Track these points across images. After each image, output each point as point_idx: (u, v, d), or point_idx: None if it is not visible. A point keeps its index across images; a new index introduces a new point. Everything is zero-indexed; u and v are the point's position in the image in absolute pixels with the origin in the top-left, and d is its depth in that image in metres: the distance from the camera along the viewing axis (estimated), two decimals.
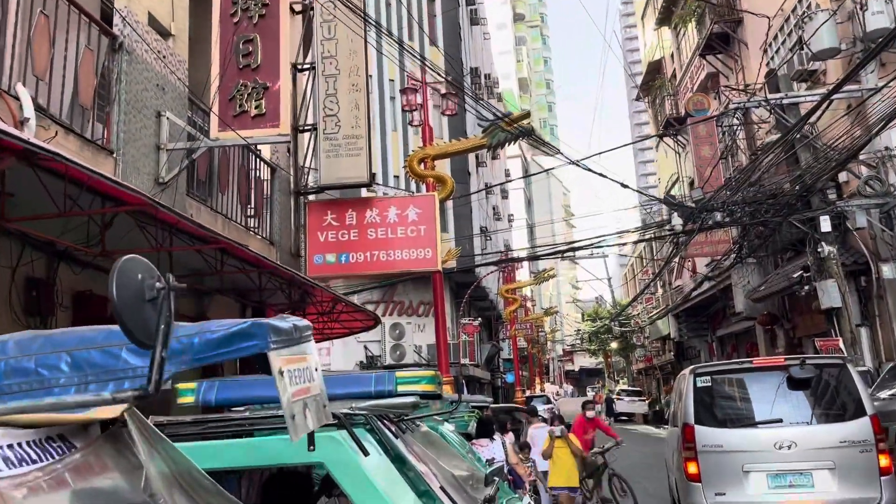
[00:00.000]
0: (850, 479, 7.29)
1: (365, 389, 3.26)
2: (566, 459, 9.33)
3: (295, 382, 1.75)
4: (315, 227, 9.38)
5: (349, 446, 2.62)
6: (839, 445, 7.42)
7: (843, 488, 7.27)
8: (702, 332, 27.88)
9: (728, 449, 7.65)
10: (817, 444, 7.48)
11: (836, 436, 7.49)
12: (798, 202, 14.89)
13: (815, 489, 7.36)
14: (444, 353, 10.62)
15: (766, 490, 7.43)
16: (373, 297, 23.55)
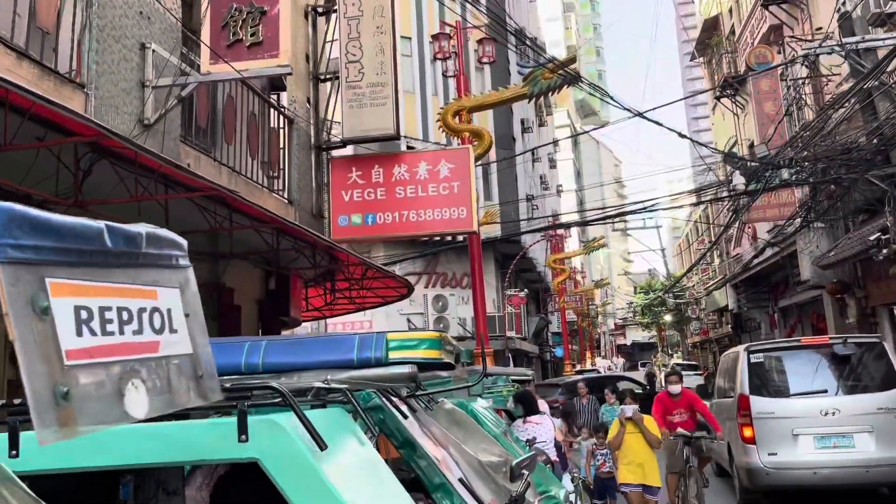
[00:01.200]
0: (886, 441, 8.55)
1: (344, 357, 2.44)
2: (640, 450, 7.47)
3: (95, 330, 0.91)
4: (339, 186, 8.60)
5: (297, 436, 1.79)
6: (877, 412, 8.71)
7: (881, 448, 8.55)
8: (762, 302, 26.40)
9: (779, 415, 8.92)
10: (857, 411, 8.76)
11: (873, 403, 8.79)
12: (877, 156, 13.48)
13: (856, 448, 8.64)
14: (482, 323, 9.77)
15: (813, 450, 8.70)
16: (415, 269, 22.83)
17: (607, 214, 16.34)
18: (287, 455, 1.79)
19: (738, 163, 13.49)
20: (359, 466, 2.10)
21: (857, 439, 8.71)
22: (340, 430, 2.22)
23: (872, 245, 14.13)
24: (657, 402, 8.84)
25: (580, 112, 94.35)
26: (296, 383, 2.43)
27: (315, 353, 2.50)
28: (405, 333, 2.65)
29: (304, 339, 2.62)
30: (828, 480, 8.68)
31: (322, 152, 8.71)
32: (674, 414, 8.70)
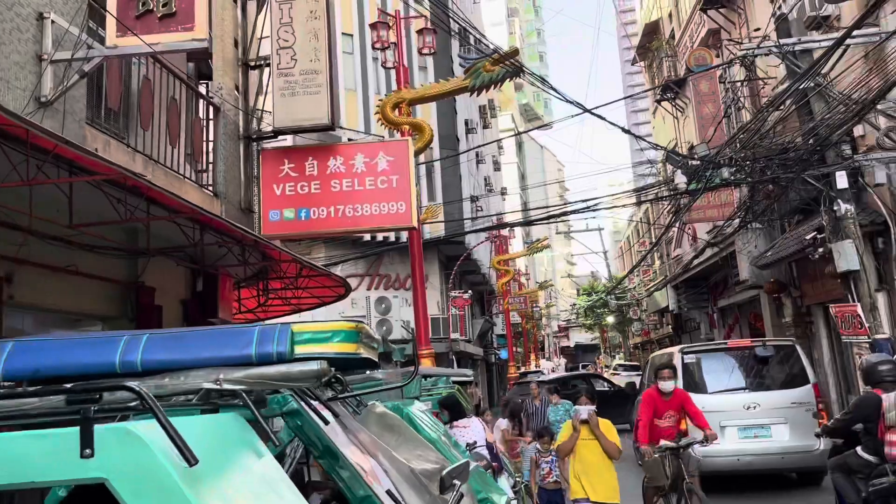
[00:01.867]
0: (798, 431, 9.82)
1: (241, 352, 2.04)
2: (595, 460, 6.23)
3: None
4: (270, 179, 8.13)
5: (158, 449, 1.40)
6: (790, 406, 10.11)
7: (793, 437, 9.84)
8: (702, 303, 26.81)
9: (708, 409, 9.14)
10: (774, 405, 10.10)
11: (788, 398, 10.18)
12: (812, 157, 13.67)
13: (773, 438, 9.92)
14: (423, 324, 9.42)
15: (737, 440, 9.90)
16: (357, 270, 22.34)
17: (550, 214, 16.22)
18: (144, 473, 1.40)
19: (680, 161, 13.50)
20: (245, 484, 1.72)
21: (773, 430, 10.00)
22: (228, 441, 1.83)
23: (808, 244, 14.34)
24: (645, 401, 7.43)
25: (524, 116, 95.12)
26: (181, 384, 2.03)
27: (207, 348, 2.10)
28: (315, 325, 2.27)
29: (194, 331, 2.21)
30: (749, 466, 9.90)
31: (252, 143, 8.23)
32: (663, 417, 7.39)
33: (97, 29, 5.44)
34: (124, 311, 6.79)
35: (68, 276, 6.02)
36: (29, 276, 5.61)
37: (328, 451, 2.99)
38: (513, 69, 8.86)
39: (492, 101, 40.85)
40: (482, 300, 37.41)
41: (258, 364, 2.10)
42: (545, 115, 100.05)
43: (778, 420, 9.99)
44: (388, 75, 21.27)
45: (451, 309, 22.80)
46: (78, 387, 1.54)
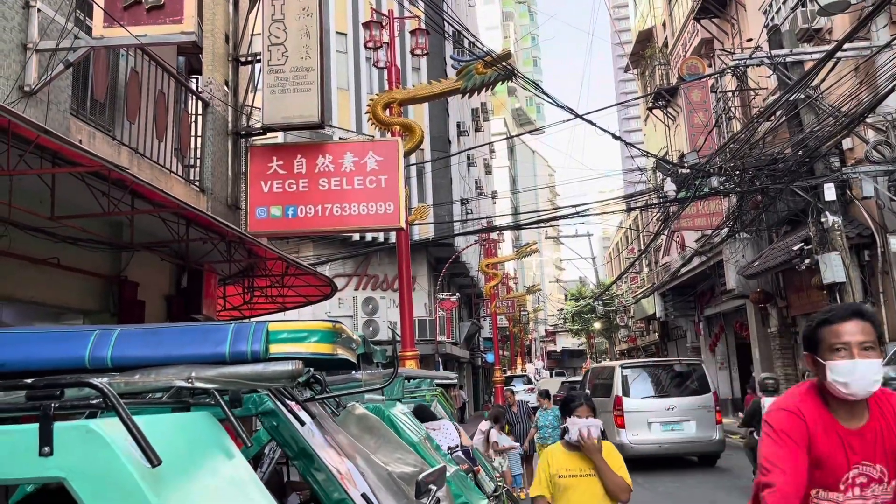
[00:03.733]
0: (702, 427, 13.52)
1: (214, 350, 2.00)
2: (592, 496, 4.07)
3: None
4: (258, 176, 8.06)
5: (120, 448, 1.36)
6: (697, 408, 13.66)
7: (699, 431, 13.51)
8: (689, 311, 26.90)
9: (639, 410, 13.60)
10: (687, 407, 13.66)
11: (696, 403, 13.74)
12: (801, 168, 13.74)
13: (685, 431, 13.53)
14: (409, 325, 9.37)
15: (659, 432, 13.39)
16: (345, 270, 22.26)
17: (541, 218, 16.22)
18: (104, 473, 1.35)
19: (670, 169, 13.54)
20: (212, 486, 1.68)
21: (685, 425, 13.61)
22: (197, 441, 1.79)
23: (795, 255, 14.40)
24: (782, 436, 2.38)
25: (517, 121, 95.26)
26: (151, 381, 1.98)
27: (180, 344, 2.06)
28: (292, 324, 2.22)
29: (167, 328, 2.17)
30: (667, 451, 13.44)
31: (240, 139, 8.16)
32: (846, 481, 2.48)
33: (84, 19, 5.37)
34: (106, 305, 6.71)
35: (50, 269, 5.94)
36: (9, 267, 5.54)
37: (303, 452, 2.94)
38: (505, 72, 8.83)
39: (484, 104, 40.88)
40: (470, 303, 37.40)
41: (232, 362, 2.05)
42: (538, 120, 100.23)
43: (688, 418, 13.67)
44: (380, 75, 21.24)
45: (439, 311, 22.76)
46: (39, 382, 1.49)
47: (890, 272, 13.76)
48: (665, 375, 14.65)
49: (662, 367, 15.30)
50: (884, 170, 13.10)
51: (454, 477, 5.34)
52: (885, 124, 13.46)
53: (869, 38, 13.80)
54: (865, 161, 13.28)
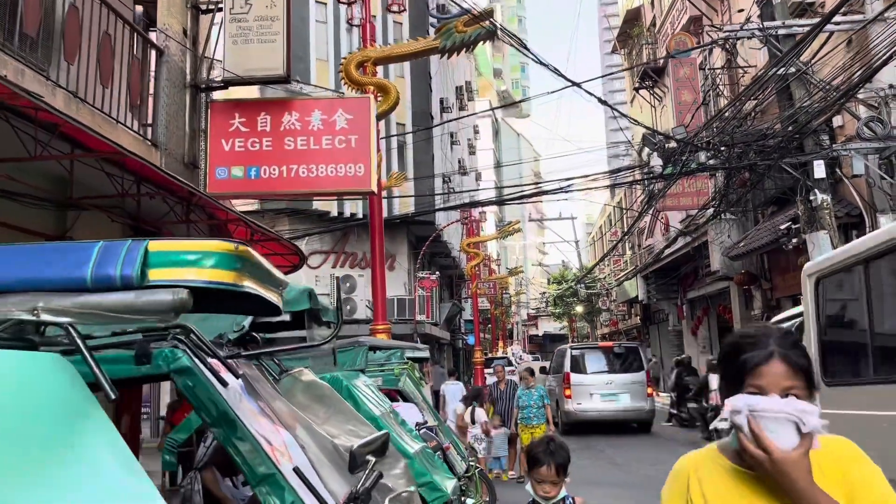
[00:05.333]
0: (637, 398, 16.63)
1: (72, 274, 1.49)
2: None
3: None
4: (219, 133, 7.50)
5: None
6: (631, 383, 16.78)
7: (632, 401, 16.62)
8: (671, 294, 26.64)
9: (584, 384, 16.79)
10: (624, 381, 16.79)
11: (630, 378, 16.82)
12: (791, 144, 13.35)
13: (620, 402, 16.61)
14: (381, 297, 8.89)
15: (599, 402, 16.55)
16: (322, 247, 21.71)
17: (524, 193, 15.77)
18: None
19: (657, 143, 13.10)
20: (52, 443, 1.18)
21: (620, 397, 16.68)
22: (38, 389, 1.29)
23: (782, 234, 14.06)
24: None
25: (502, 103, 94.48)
26: None
27: (29, 266, 1.56)
28: (180, 243, 1.72)
29: (15, 247, 1.65)
30: (605, 417, 16.57)
31: (200, 93, 7.59)
32: None
33: None
34: None
35: None
36: None
37: (224, 418, 2.44)
38: (487, 31, 8.30)
39: (469, 83, 40.26)
40: (451, 284, 36.98)
41: (95, 290, 1.55)
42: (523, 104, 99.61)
43: (624, 391, 16.74)
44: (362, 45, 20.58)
45: (418, 290, 22.29)
46: None
47: None
48: (607, 356, 17.78)
49: (605, 349, 18.42)
50: (875, 147, 12.73)
51: (419, 454, 4.87)
52: (877, 100, 13.09)
53: (863, 11, 13.39)
54: (856, 138, 12.91)
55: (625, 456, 13.36)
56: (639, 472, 11.50)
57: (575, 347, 18.64)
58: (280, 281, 2.23)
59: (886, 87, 12.94)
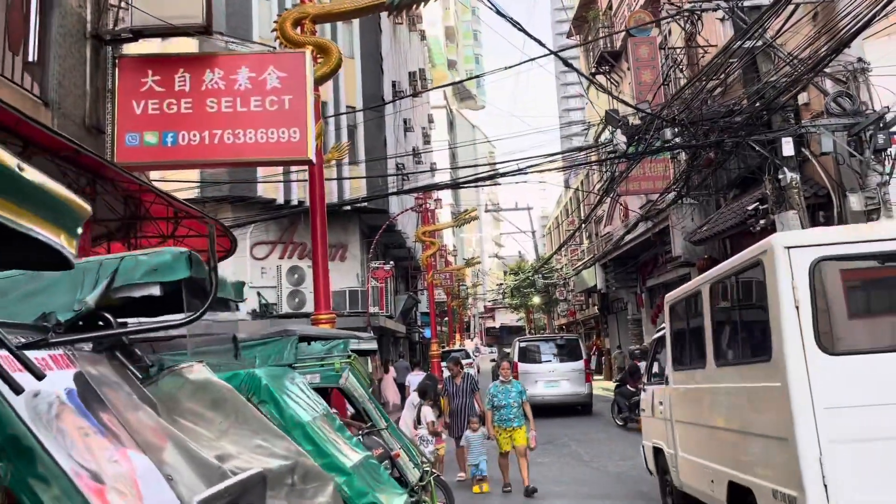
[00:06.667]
0: (575, 384, 18.70)
1: None
2: None
3: None
4: (128, 93, 6.45)
5: None
6: (571, 371, 18.84)
7: (572, 388, 18.68)
8: (630, 283, 26.19)
9: (530, 372, 18.40)
10: (564, 370, 18.84)
11: (570, 367, 18.87)
12: (758, 121, 12.79)
13: (561, 388, 18.64)
14: (322, 283, 7.93)
15: (543, 388, 18.26)
16: (268, 237, 20.56)
17: (479, 176, 14.94)
18: None
19: (620, 120, 12.38)
20: None
21: (561, 383, 18.62)
22: None
23: (750, 215, 13.52)
24: None
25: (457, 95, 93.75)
26: None
27: None
28: None
29: None
30: (549, 402, 18.00)
31: (104, 46, 6.52)
32: None
33: None
34: None
35: None
36: None
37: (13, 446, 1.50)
38: None
39: (423, 70, 39.31)
40: (407, 276, 36.05)
41: None
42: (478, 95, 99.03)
43: (565, 378, 18.70)
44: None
45: (371, 281, 21.30)
46: None
47: None
48: (550, 347, 19.86)
49: (548, 341, 20.80)
50: (844, 123, 12.21)
51: (360, 468, 3.97)
52: (845, 75, 12.60)
53: None
54: (825, 114, 12.39)
55: (591, 451, 12.70)
56: (607, 468, 10.82)
57: (522, 340, 20.97)
58: (77, 213, 1.30)
59: (855, 61, 12.46)
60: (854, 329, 5.02)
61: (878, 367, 4.52)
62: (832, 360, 4.51)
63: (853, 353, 4.63)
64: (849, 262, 4.92)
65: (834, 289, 4.91)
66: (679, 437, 7.19)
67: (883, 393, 4.43)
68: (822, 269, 4.71)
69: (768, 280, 4.85)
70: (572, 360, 18.95)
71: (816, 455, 4.32)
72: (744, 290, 5.72)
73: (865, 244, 4.88)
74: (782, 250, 4.72)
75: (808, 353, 4.51)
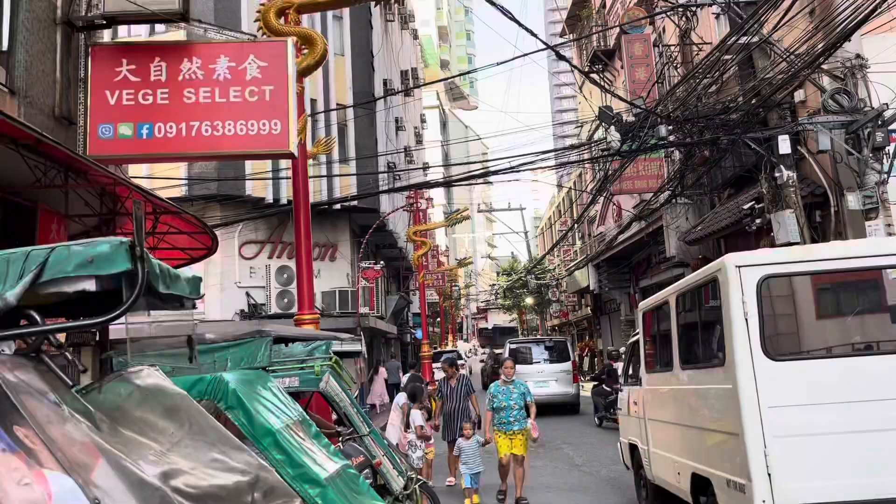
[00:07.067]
0: (563, 385, 19.37)
1: None
2: None
3: None
4: (102, 82, 6.16)
5: None
6: (559, 372, 19.53)
7: (560, 388, 19.30)
8: (623, 283, 25.98)
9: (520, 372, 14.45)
10: (553, 370, 19.52)
11: (559, 368, 19.58)
12: (754, 118, 12.58)
13: (550, 388, 19.07)
14: (306, 281, 7.65)
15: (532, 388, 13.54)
16: (257, 237, 20.25)
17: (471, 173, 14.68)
18: None
19: (614, 117, 12.14)
20: None
21: (550, 384, 19.10)
22: None
23: (745, 214, 13.31)
24: None
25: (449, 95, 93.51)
26: None
27: None
28: None
29: None
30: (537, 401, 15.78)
31: (77, 33, 6.23)
32: None
33: None
34: None
35: None
36: None
37: None
38: None
39: (415, 69, 39.04)
40: (399, 277, 35.76)
41: None
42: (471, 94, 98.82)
43: (553, 378, 19.32)
44: None
45: (361, 281, 21.01)
46: None
47: (844, 233, 12.74)
48: (539, 348, 20.75)
49: (538, 343, 21.70)
50: (842, 121, 11.99)
51: (336, 479, 3.69)
52: (843, 71, 12.39)
53: None
54: (822, 111, 12.19)
55: (583, 455, 12.45)
56: (600, 473, 10.57)
57: (513, 342, 22.20)
58: None
59: (853, 57, 12.26)
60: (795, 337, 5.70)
61: (814, 371, 5.12)
62: (775, 365, 5.06)
63: (793, 358, 5.25)
64: (791, 279, 5.54)
65: (778, 302, 5.56)
66: (651, 434, 7.75)
67: (818, 394, 4.99)
68: (768, 286, 5.27)
69: (722, 294, 5.38)
70: (561, 362, 19.77)
71: (762, 448, 4.88)
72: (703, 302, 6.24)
73: (806, 263, 5.51)
74: (734, 269, 5.26)
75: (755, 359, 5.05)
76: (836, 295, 5.97)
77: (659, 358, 7.64)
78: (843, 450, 4.83)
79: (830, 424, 4.87)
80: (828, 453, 4.85)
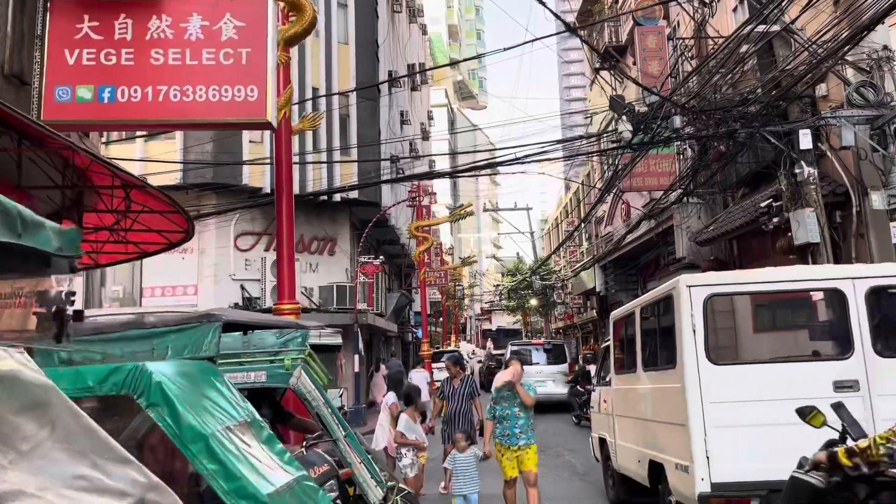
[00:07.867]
0: (559, 385, 20.99)
1: None
2: None
3: None
4: (60, 40, 5.56)
5: None
6: (557, 373, 21.41)
7: (556, 388, 20.77)
8: (630, 285, 25.31)
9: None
10: (551, 371, 21.38)
11: (556, 369, 21.54)
12: (773, 111, 11.91)
13: (548, 388, 20.05)
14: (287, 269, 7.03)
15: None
16: (253, 228, 19.66)
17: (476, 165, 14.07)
18: None
19: (626, 107, 11.50)
20: None
21: (547, 384, 20.17)
22: None
23: (763, 213, 12.63)
24: None
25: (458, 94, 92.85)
26: None
27: None
28: None
29: None
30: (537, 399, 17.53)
31: None
32: None
33: None
34: None
35: None
36: None
37: None
38: None
39: (423, 64, 38.45)
40: (401, 274, 35.16)
41: None
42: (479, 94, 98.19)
43: (551, 378, 20.72)
44: None
45: (360, 276, 20.40)
46: None
47: (866, 234, 12.03)
48: (537, 350, 22.32)
49: (536, 345, 23.53)
50: (867, 115, 11.31)
51: (285, 493, 3.06)
52: (868, 63, 11.71)
53: None
54: (845, 105, 11.50)
55: (585, 463, 11.81)
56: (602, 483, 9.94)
57: (515, 344, 23.68)
58: None
59: (880, 49, 11.58)
60: (733, 346, 7.03)
61: (746, 374, 6.18)
62: (716, 369, 6.08)
63: (731, 363, 6.35)
64: (732, 297, 6.71)
65: (721, 317, 6.71)
66: (618, 428, 8.70)
67: (748, 393, 5.98)
68: (713, 303, 6.25)
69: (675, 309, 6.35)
70: (558, 364, 21.54)
71: (703, 436, 5.88)
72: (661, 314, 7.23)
73: (746, 285, 6.66)
74: (685, 288, 6.22)
75: (700, 363, 6.05)
76: (771, 312, 7.33)
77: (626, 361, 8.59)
78: (765, 439, 5.72)
79: (756, 418, 5.81)
80: (753, 441, 5.77)
